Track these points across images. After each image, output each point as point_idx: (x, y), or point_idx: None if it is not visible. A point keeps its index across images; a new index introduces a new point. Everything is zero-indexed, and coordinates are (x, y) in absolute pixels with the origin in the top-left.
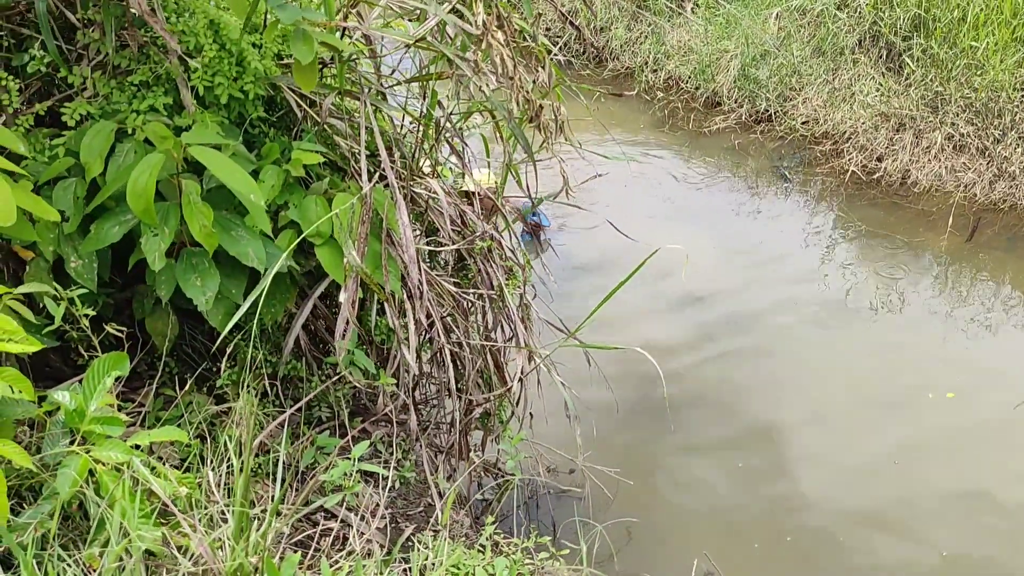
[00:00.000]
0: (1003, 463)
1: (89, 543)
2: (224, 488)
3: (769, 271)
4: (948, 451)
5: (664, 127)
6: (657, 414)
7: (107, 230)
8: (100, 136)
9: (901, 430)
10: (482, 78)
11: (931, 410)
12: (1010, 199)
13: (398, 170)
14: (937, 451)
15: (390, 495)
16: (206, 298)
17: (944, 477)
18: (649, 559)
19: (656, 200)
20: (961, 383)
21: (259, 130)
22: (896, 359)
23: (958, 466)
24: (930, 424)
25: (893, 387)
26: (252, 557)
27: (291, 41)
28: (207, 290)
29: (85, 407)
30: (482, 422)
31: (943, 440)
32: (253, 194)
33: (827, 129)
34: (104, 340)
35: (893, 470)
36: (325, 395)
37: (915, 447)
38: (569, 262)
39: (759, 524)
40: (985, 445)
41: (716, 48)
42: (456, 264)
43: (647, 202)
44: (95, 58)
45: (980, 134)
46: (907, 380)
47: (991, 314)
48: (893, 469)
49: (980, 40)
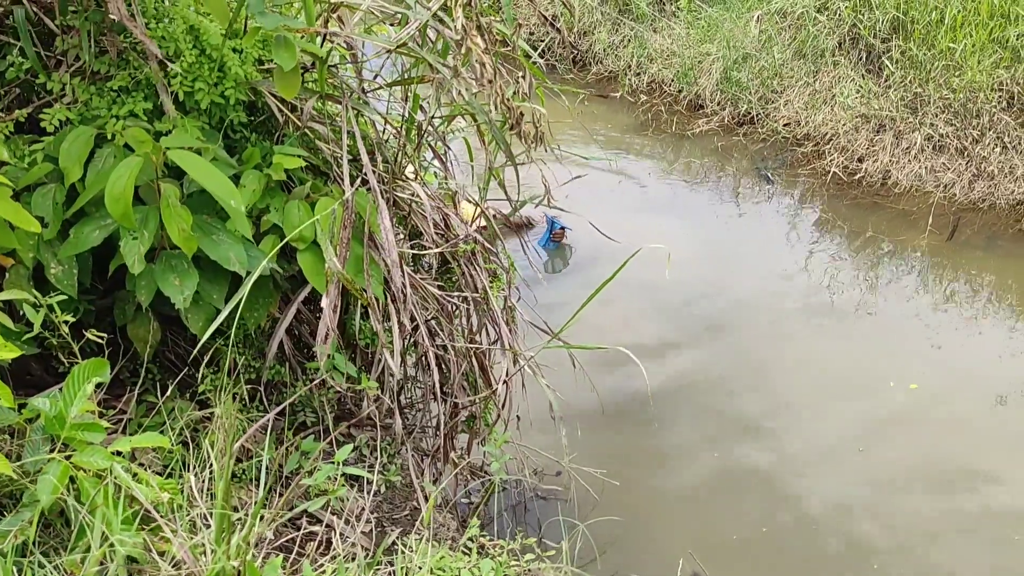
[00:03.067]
0: (962, 453)
1: (70, 550)
2: (206, 493)
3: (752, 271)
4: (911, 440)
5: (648, 130)
6: (641, 414)
7: (87, 234)
8: (79, 141)
9: (874, 425)
10: (462, 82)
11: (901, 401)
12: (989, 199)
13: (380, 174)
14: (901, 440)
15: (375, 499)
16: (184, 296)
17: (907, 461)
18: (635, 559)
19: (640, 202)
20: (929, 377)
21: (240, 135)
22: (877, 357)
23: (921, 453)
24: (899, 414)
25: (872, 384)
26: (234, 561)
27: (272, 48)
28: (185, 289)
29: (65, 413)
30: (468, 425)
31: (908, 430)
32: (233, 199)
33: (808, 131)
34: (85, 347)
35: (859, 457)
36: (309, 399)
37: (881, 436)
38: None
39: (740, 520)
40: (947, 435)
41: (698, 51)
42: (440, 267)
43: (630, 204)
44: (74, 64)
45: (959, 134)
46: (885, 376)
47: (969, 312)
48: (859, 457)
49: (958, 41)
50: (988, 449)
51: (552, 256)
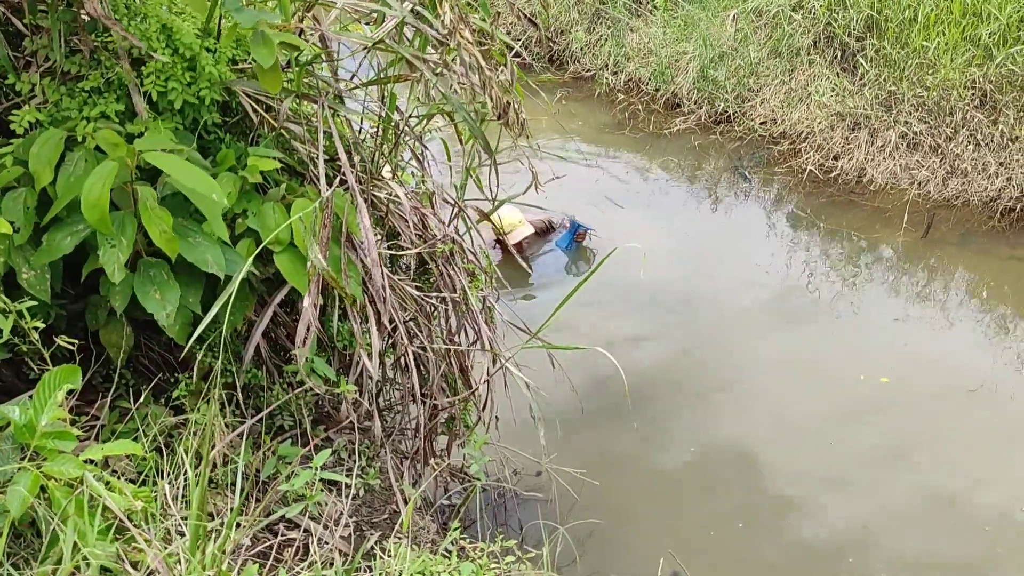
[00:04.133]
0: (930, 444)
1: (41, 560)
2: (181, 501)
3: (728, 268)
4: (880, 432)
5: (625, 129)
6: (620, 413)
7: (59, 241)
8: (49, 144)
9: (844, 417)
10: (442, 80)
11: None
12: (963, 196)
13: (358, 174)
14: (869, 431)
15: (354, 503)
16: (167, 312)
17: (876, 453)
18: (616, 558)
19: (617, 200)
20: (900, 370)
21: (214, 136)
22: (850, 352)
23: (889, 444)
24: (870, 407)
25: (843, 378)
26: (209, 570)
27: (251, 45)
28: (167, 304)
29: (36, 422)
30: (447, 427)
31: (877, 422)
32: (215, 193)
33: (785, 129)
34: (57, 352)
35: (830, 451)
36: (287, 404)
37: (852, 429)
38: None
39: (717, 515)
40: (917, 427)
41: (675, 50)
42: (418, 268)
43: (608, 202)
44: (44, 64)
45: (932, 132)
46: (857, 370)
47: (943, 308)
48: (830, 450)
49: (931, 40)
50: (956, 441)
51: (573, 258)
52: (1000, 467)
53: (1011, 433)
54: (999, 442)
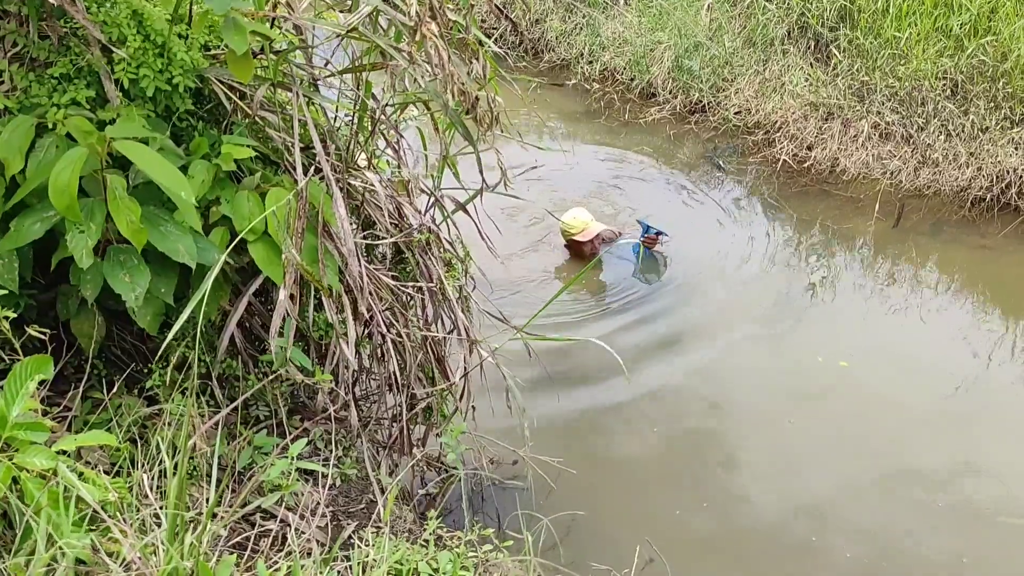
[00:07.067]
0: (890, 429)
1: (14, 552)
2: (157, 491)
3: (702, 258)
4: (838, 413)
5: (600, 118)
6: (597, 402)
7: (28, 227)
8: (19, 131)
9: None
10: (416, 69)
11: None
12: (934, 185)
13: (333, 162)
14: (829, 414)
15: (331, 493)
16: (135, 295)
17: (832, 429)
18: (593, 546)
19: (591, 189)
20: (861, 356)
21: (187, 124)
22: (817, 338)
23: (840, 427)
24: (828, 390)
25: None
26: (187, 561)
27: (224, 31)
28: (136, 286)
29: (7, 413)
30: (425, 416)
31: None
32: (184, 191)
33: (759, 119)
34: (27, 343)
35: (791, 431)
36: (262, 393)
37: (810, 411)
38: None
39: (685, 501)
40: (875, 410)
41: (650, 39)
42: (394, 258)
43: (582, 192)
44: (11, 50)
45: (905, 122)
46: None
47: (912, 296)
48: (791, 430)
49: (903, 30)
50: (914, 423)
51: (644, 264)
52: (956, 446)
53: (969, 415)
54: (957, 424)
